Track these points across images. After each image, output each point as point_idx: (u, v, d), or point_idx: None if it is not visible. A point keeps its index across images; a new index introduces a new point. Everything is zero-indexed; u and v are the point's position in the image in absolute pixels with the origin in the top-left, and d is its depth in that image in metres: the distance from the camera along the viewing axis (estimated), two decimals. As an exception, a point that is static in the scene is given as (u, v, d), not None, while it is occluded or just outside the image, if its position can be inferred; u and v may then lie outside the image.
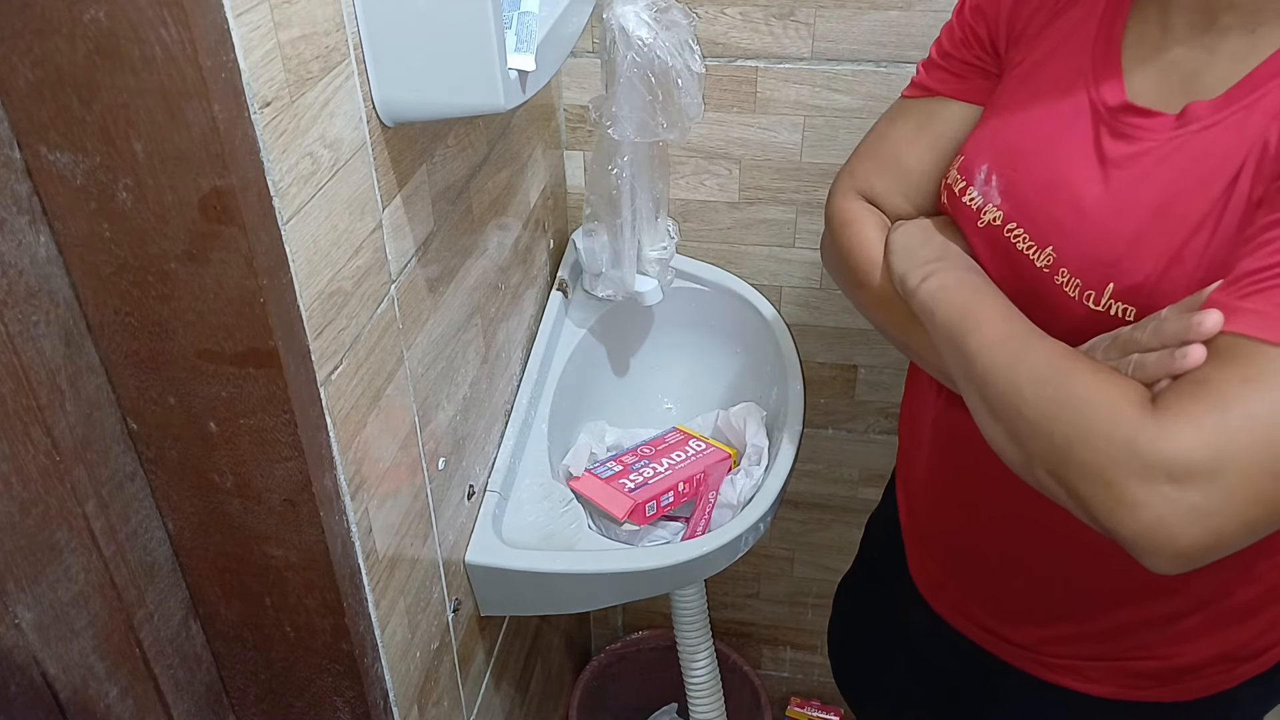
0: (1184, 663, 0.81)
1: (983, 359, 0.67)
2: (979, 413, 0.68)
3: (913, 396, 0.96)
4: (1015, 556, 0.85)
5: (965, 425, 0.80)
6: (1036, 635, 0.87)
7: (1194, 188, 0.63)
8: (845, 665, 1.19)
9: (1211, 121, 0.64)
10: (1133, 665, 0.82)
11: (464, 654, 1.04)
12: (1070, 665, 0.85)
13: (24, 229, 0.53)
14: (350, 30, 0.64)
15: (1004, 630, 0.89)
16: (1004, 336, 0.67)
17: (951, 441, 0.87)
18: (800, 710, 1.81)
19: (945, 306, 0.72)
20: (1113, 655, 0.83)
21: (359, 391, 0.72)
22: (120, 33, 0.48)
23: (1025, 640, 0.88)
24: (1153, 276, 0.64)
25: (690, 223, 1.34)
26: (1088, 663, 0.84)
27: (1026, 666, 0.88)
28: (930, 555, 0.96)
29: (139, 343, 0.59)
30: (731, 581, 1.72)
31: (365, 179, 0.70)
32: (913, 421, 0.95)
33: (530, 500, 1.11)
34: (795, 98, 1.21)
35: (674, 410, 1.40)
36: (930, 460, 0.92)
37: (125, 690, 0.65)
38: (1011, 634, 0.89)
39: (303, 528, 0.66)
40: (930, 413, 0.90)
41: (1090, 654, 0.84)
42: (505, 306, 1.10)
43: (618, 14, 1.04)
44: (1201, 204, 0.63)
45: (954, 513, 0.91)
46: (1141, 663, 0.82)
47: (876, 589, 1.10)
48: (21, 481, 0.54)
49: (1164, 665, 0.81)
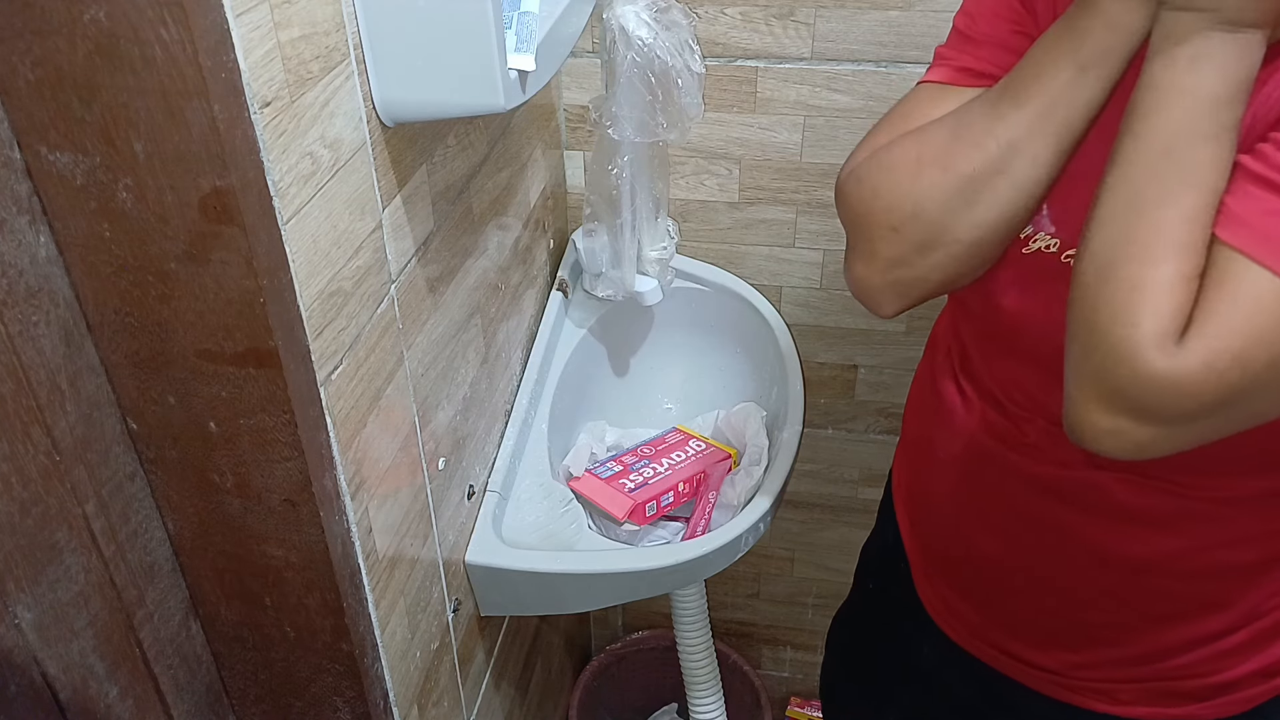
0: (1224, 679, 0.78)
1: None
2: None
3: (930, 417, 0.89)
4: (1047, 578, 0.81)
5: (1000, 443, 0.78)
6: (1066, 660, 0.83)
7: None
8: (843, 705, 1.16)
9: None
10: (1172, 685, 0.79)
11: (464, 654, 1.04)
12: (1102, 689, 0.82)
13: (24, 229, 0.53)
14: (350, 30, 0.64)
15: (1029, 655, 0.85)
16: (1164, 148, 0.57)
17: (984, 460, 0.82)
18: (800, 710, 1.81)
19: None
20: (1151, 677, 0.79)
21: (359, 391, 0.72)
22: (120, 33, 0.48)
23: (1053, 665, 0.84)
24: None
25: (690, 223, 1.34)
26: (1122, 685, 0.81)
27: (1051, 691, 0.85)
28: (946, 580, 0.91)
29: (139, 343, 0.59)
30: (731, 581, 1.72)
31: (365, 179, 0.70)
32: (929, 443, 0.89)
33: (530, 500, 1.11)
34: (795, 98, 1.21)
35: (674, 410, 1.40)
36: (957, 481, 0.85)
37: (125, 690, 0.65)
38: (1038, 658, 0.85)
39: (303, 528, 0.66)
40: (960, 432, 0.84)
41: (1126, 677, 0.80)
42: (505, 306, 1.10)
43: (618, 14, 1.04)
44: None
45: (980, 535, 0.84)
46: (1181, 683, 0.79)
47: (877, 620, 1.06)
48: (21, 481, 0.54)
49: (1204, 684, 0.78)
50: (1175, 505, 0.71)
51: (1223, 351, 0.52)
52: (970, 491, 0.84)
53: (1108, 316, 0.55)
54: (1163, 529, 0.73)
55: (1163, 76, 0.56)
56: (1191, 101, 0.55)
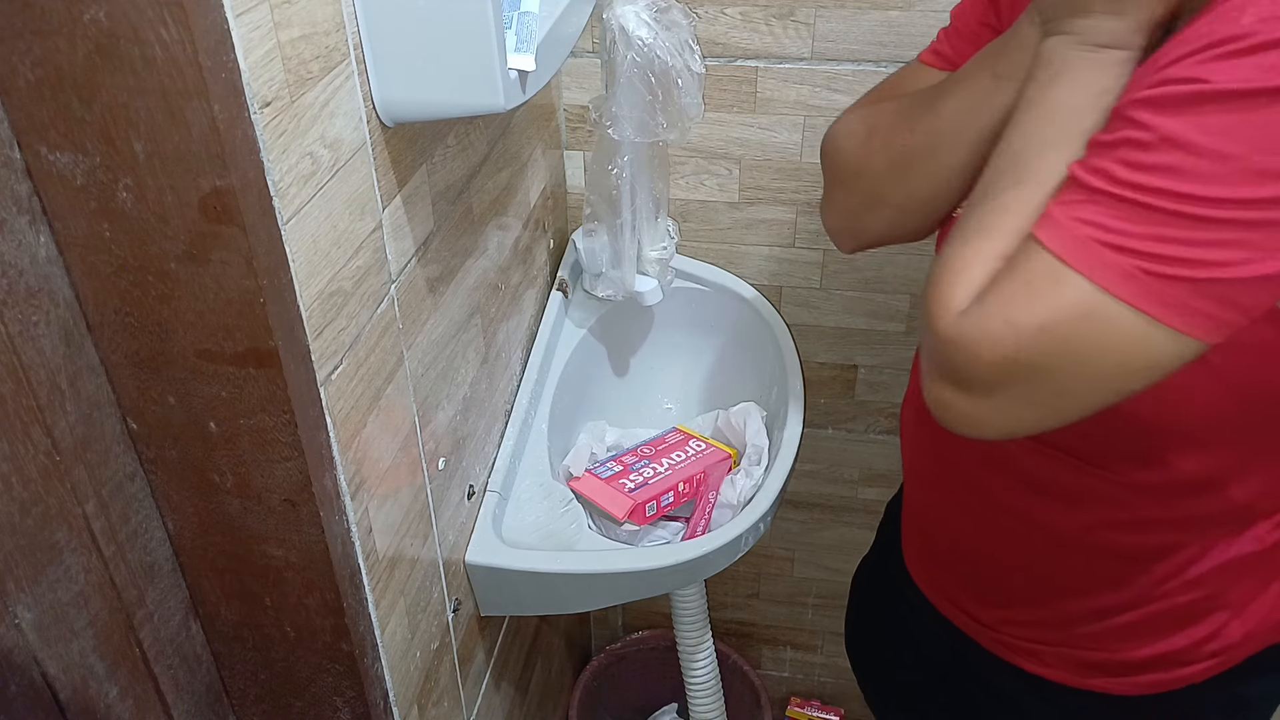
0: (1127, 658, 0.82)
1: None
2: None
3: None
4: (975, 536, 0.87)
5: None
6: (998, 616, 0.88)
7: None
8: (855, 644, 1.20)
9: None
10: (1081, 654, 0.84)
11: (464, 654, 1.04)
12: (1031, 649, 0.87)
13: (24, 229, 0.53)
14: (350, 30, 0.64)
15: (972, 609, 0.91)
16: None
17: (919, 420, 0.88)
18: (800, 710, 1.81)
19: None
20: (1064, 643, 0.84)
21: (359, 391, 0.72)
22: (120, 33, 0.48)
23: (988, 620, 0.89)
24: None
25: (690, 223, 1.34)
26: (1044, 648, 0.86)
27: (993, 648, 0.90)
28: (915, 532, 0.98)
29: (139, 343, 0.59)
30: (731, 581, 1.72)
31: (365, 179, 0.70)
32: (904, 403, 0.97)
33: (530, 500, 1.11)
34: (795, 98, 1.21)
35: (674, 410, 1.40)
36: (906, 440, 0.95)
37: (125, 690, 0.65)
38: (979, 613, 0.90)
39: (303, 528, 0.66)
40: (915, 389, 0.90)
41: (1046, 639, 0.85)
42: (505, 306, 1.10)
43: (618, 14, 1.04)
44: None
45: (925, 493, 0.93)
46: (1089, 653, 0.83)
47: (884, 567, 1.12)
48: (21, 481, 0.54)
49: (1109, 658, 0.83)
50: (1080, 483, 0.75)
51: (995, 315, 0.57)
52: (915, 452, 0.92)
53: (928, 289, 0.62)
54: (1070, 504, 0.77)
55: (1029, 90, 0.63)
56: (1041, 112, 0.62)
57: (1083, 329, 0.55)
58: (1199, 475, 0.71)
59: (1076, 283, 0.54)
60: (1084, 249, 0.54)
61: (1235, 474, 0.72)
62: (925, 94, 0.75)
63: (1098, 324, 0.54)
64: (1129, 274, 0.53)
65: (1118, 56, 0.60)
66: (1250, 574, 0.77)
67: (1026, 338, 0.56)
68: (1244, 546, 0.75)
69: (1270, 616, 0.80)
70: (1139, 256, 0.53)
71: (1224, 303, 0.53)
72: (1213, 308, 0.53)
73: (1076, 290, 0.54)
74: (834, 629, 1.75)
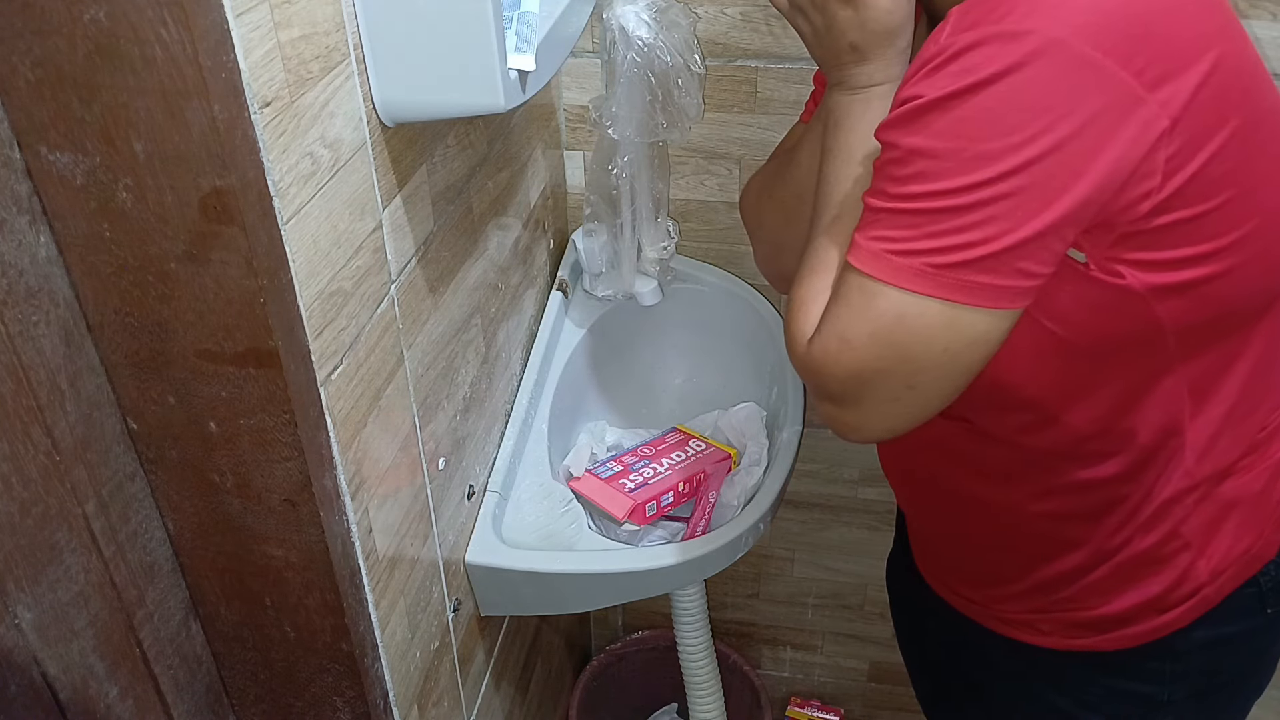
0: (1110, 612, 0.84)
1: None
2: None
3: None
4: (947, 522, 0.93)
5: None
6: (988, 593, 0.92)
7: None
8: (900, 638, 1.23)
9: None
10: (1068, 616, 0.87)
11: (464, 654, 1.04)
12: (1025, 619, 0.89)
13: (24, 229, 0.53)
14: (350, 30, 0.64)
15: (965, 590, 0.94)
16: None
17: None
18: (800, 710, 1.81)
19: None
20: (1051, 608, 0.87)
21: (359, 391, 0.72)
22: (120, 33, 0.48)
23: (981, 598, 0.92)
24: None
25: (690, 223, 1.34)
26: (1036, 615, 0.89)
27: (992, 624, 0.93)
28: (911, 529, 1.02)
29: (139, 343, 0.59)
30: (731, 581, 1.72)
31: (365, 179, 0.70)
32: None
33: (530, 500, 1.11)
34: (795, 98, 1.21)
35: (674, 410, 1.40)
36: (879, 445, 0.98)
37: (125, 690, 0.65)
38: (971, 593, 0.93)
39: (303, 528, 0.66)
40: None
41: (1035, 607, 0.88)
42: (505, 306, 1.10)
43: (618, 14, 1.04)
44: None
45: (900, 488, 0.99)
46: (1075, 613, 0.86)
47: (899, 560, 1.14)
48: (21, 481, 0.54)
49: (1094, 615, 0.85)
50: (1002, 457, 0.81)
51: (831, 335, 0.65)
52: (885, 451, 0.98)
53: (784, 326, 0.71)
54: (1004, 480, 0.83)
55: (824, 139, 0.75)
56: (834, 155, 0.73)
57: (903, 329, 0.62)
58: (1086, 426, 0.75)
59: (884, 292, 0.62)
60: (881, 262, 0.62)
61: (1122, 413, 0.74)
62: (792, 149, 0.88)
63: (912, 321, 0.62)
64: (920, 272, 0.61)
65: (880, 91, 0.72)
66: (1197, 510, 0.79)
67: (860, 349, 0.64)
68: (1179, 483, 0.78)
69: (1233, 550, 0.81)
70: (922, 255, 0.61)
71: (1003, 272, 0.60)
72: (996, 279, 0.61)
73: (885, 299, 0.62)
74: (834, 629, 1.75)
